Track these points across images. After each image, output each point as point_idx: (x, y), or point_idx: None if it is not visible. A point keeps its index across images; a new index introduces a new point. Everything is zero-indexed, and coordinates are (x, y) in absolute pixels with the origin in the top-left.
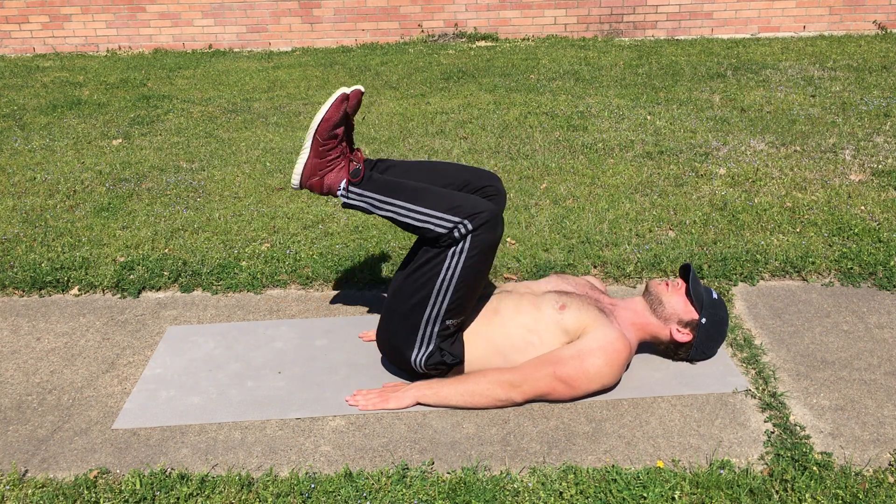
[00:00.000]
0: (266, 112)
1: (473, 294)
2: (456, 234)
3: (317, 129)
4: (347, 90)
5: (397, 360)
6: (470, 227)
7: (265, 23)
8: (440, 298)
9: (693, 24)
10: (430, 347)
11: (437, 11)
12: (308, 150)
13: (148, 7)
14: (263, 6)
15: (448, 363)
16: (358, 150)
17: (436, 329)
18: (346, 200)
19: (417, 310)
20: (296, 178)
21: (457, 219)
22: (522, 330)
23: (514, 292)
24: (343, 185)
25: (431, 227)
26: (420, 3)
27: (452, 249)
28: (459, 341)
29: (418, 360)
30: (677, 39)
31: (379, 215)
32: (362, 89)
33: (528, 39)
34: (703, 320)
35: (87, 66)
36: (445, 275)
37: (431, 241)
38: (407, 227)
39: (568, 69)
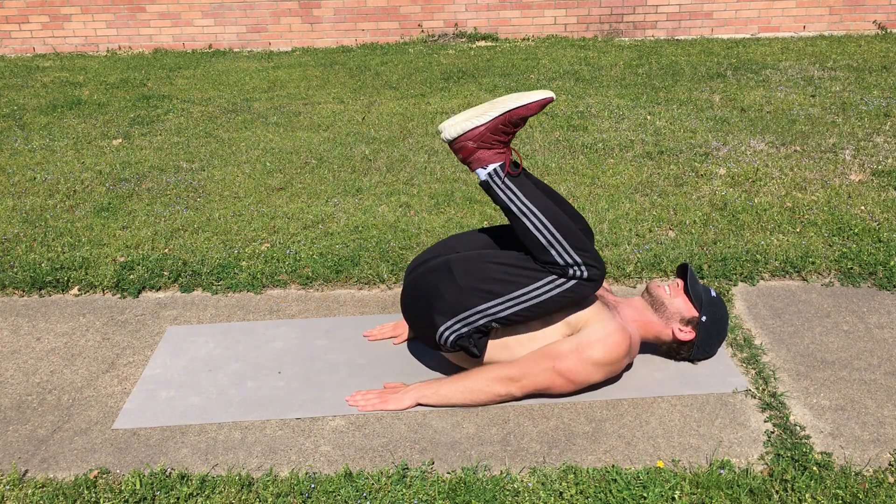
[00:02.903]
0: (266, 112)
1: (534, 322)
2: (570, 271)
3: (510, 111)
4: (553, 96)
5: (421, 322)
6: (585, 274)
7: (265, 23)
8: (508, 306)
9: (693, 24)
10: (464, 331)
11: (437, 11)
12: (487, 120)
13: (148, 7)
14: (263, 6)
15: (472, 353)
16: (514, 150)
17: (480, 322)
18: (490, 182)
19: (479, 297)
20: (456, 129)
21: (579, 260)
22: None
23: None
24: (495, 167)
25: (552, 252)
26: (420, 3)
27: (553, 278)
28: (486, 338)
29: (446, 334)
30: (677, 39)
31: (509, 211)
32: (553, 98)
33: (528, 39)
34: (704, 318)
35: (87, 66)
36: (530, 293)
37: (542, 257)
38: (530, 239)
39: (568, 69)
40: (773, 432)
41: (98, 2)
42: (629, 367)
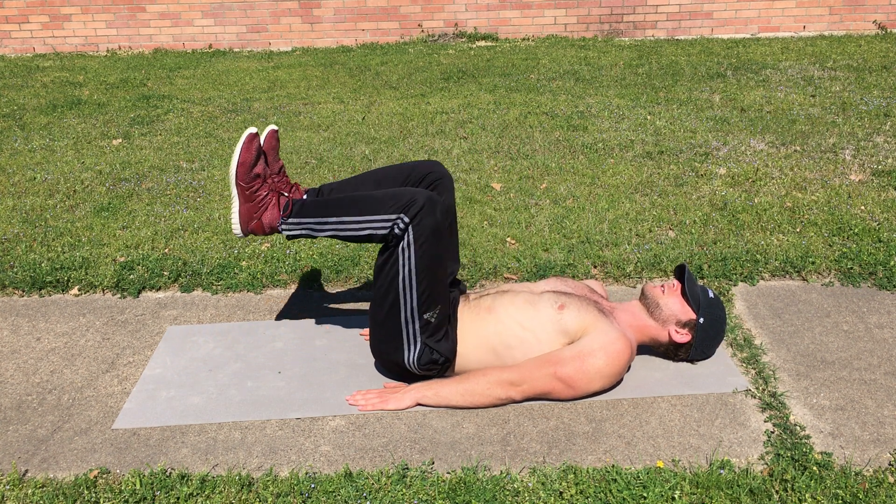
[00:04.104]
0: (266, 112)
1: (438, 281)
2: (396, 230)
3: (235, 175)
4: (254, 129)
5: (393, 368)
6: (406, 219)
7: (265, 23)
8: (408, 296)
9: (693, 24)
10: (418, 346)
11: (437, 11)
12: (236, 197)
13: (148, 7)
14: (263, 6)
15: (439, 361)
16: (296, 185)
17: (416, 327)
18: (288, 233)
19: (392, 314)
20: (236, 228)
21: (392, 216)
22: (516, 327)
23: (510, 291)
24: (282, 220)
25: (372, 231)
26: (420, 3)
27: (401, 246)
28: (449, 338)
29: (411, 361)
30: (677, 39)
31: (324, 237)
32: (276, 128)
33: (528, 39)
34: (701, 320)
35: (87, 66)
36: (403, 272)
37: (383, 247)
38: (351, 239)
39: (568, 69)
40: (773, 432)
41: (98, 2)
42: (627, 368)
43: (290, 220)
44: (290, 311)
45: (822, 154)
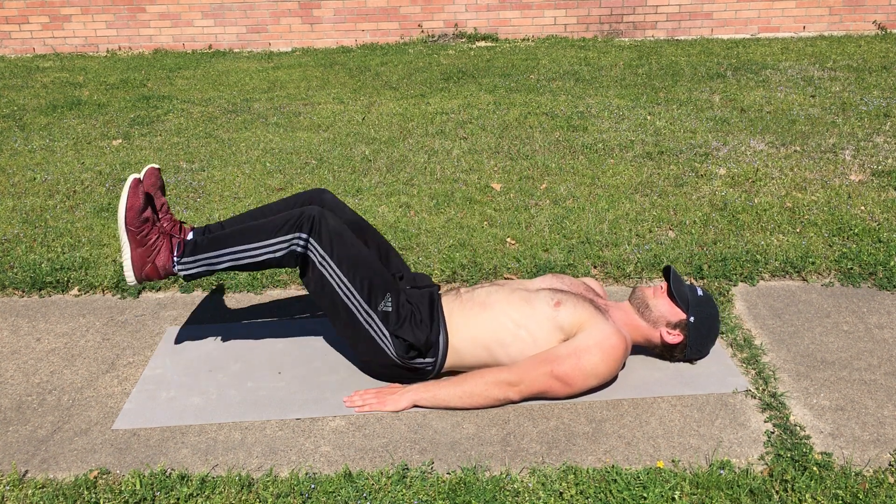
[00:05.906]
0: (266, 112)
1: (374, 273)
2: (297, 248)
3: (125, 220)
4: (138, 174)
5: (385, 372)
6: (304, 234)
7: (265, 23)
8: (352, 297)
9: (693, 25)
10: (390, 339)
11: (437, 12)
12: (127, 243)
13: (148, 7)
14: (263, 6)
15: (416, 346)
16: (182, 223)
17: (377, 321)
18: (185, 273)
19: (351, 320)
20: (129, 275)
21: (287, 236)
22: (511, 324)
23: (505, 287)
24: (175, 261)
25: (270, 255)
26: (420, 3)
27: (314, 261)
28: (418, 325)
29: (394, 355)
30: (677, 40)
31: (222, 270)
32: (157, 166)
33: (528, 40)
34: (692, 319)
35: (86, 67)
36: (334, 280)
37: (301, 271)
38: (251, 267)
39: (568, 69)
40: (773, 432)
41: (98, 2)
42: (622, 364)
43: (185, 260)
44: (291, 311)
45: (822, 154)
